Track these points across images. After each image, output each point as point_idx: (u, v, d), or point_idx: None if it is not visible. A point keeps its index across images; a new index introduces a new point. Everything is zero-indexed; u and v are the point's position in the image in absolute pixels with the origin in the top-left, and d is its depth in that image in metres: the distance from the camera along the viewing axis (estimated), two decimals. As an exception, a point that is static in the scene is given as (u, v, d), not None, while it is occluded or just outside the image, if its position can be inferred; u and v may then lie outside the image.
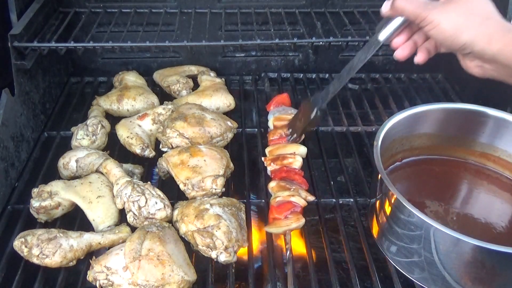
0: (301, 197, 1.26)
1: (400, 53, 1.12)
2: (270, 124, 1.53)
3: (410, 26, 1.11)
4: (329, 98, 1.31)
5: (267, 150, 1.43)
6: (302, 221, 1.21)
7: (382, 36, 1.12)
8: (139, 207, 1.19)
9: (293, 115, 1.49)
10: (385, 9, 1.10)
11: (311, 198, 1.28)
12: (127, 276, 1.04)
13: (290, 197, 1.25)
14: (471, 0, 1.00)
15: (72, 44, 1.52)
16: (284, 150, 1.40)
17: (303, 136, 1.45)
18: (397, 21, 1.10)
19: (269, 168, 1.38)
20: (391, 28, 1.11)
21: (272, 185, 1.31)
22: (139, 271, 1.03)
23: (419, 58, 1.12)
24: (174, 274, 1.04)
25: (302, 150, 1.40)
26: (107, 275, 1.06)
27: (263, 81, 1.88)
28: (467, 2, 1.00)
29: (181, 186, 1.28)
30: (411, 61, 1.13)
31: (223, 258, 1.12)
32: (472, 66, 1.04)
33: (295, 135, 1.42)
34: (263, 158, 1.41)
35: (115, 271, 1.05)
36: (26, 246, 1.11)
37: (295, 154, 1.38)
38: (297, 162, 1.36)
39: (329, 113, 1.64)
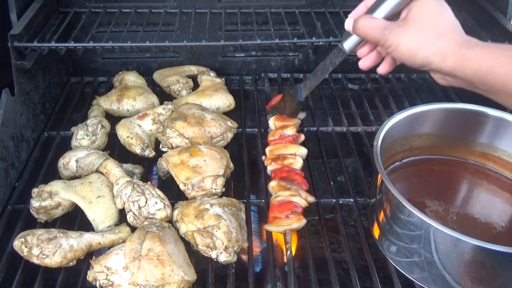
0: (301, 198, 1.26)
1: (363, 64, 1.17)
2: (271, 124, 1.53)
3: None
4: (306, 94, 1.40)
5: (267, 150, 1.43)
6: (303, 221, 1.21)
7: (347, 46, 1.17)
8: (139, 207, 1.19)
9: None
10: (348, 26, 1.13)
11: (311, 199, 1.28)
12: (127, 276, 1.04)
13: (291, 197, 1.25)
14: (426, 17, 1.02)
15: (72, 44, 1.52)
16: (285, 150, 1.40)
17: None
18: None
19: (269, 168, 1.38)
20: (354, 41, 1.16)
21: (272, 184, 1.31)
22: (139, 271, 1.03)
23: (381, 70, 1.16)
24: (174, 274, 1.04)
25: (303, 151, 1.40)
26: (107, 275, 1.06)
27: (263, 81, 1.88)
28: (421, 21, 1.02)
29: (181, 186, 1.28)
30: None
31: (223, 258, 1.12)
32: (437, 78, 1.06)
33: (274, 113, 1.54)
34: (263, 157, 1.41)
35: (115, 271, 1.05)
36: (26, 246, 1.11)
37: (296, 155, 1.38)
38: (298, 163, 1.37)
39: (329, 113, 1.65)
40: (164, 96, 1.70)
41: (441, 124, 1.27)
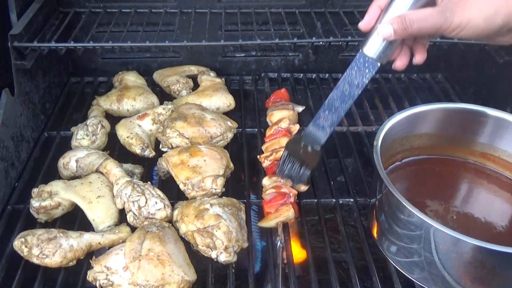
0: (291, 187, 1.25)
1: (400, 64, 1.07)
2: (269, 121, 1.54)
3: None
4: (329, 133, 1.17)
5: (263, 147, 1.43)
6: (291, 211, 1.21)
7: (380, 56, 1.02)
8: (139, 207, 1.19)
9: (288, 110, 1.49)
10: (387, 33, 0.99)
11: (304, 187, 1.27)
12: (127, 276, 1.04)
13: (280, 189, 1.24)
14: None
15: (72, 44, 1.52)
16: (278, 144, 1.40)
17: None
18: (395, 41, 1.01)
19: (264, 165, 1.38)
20: (387, 46, 1.01)
21: (263, 181, 1.31)
22: (139, 271, 1.03)
23: (419, 59, 1.07)
24: (174, 274, 1.04)
25: None
26: (107, 275, 1.06)
27: (263, 81, 1.88)
28: None
29: (181, 186, 1.28)
30: (410, 61, 1.11)
31: (223, 258, 1.12)
32: (506, 40, 0.99)
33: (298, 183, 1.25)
34: (258, 156, 1.41)
35: (115, 271, 1.05)
36: (26, 246, 1.11)
37: None
38: None
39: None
40: (164, 96, 1.70)
41: (441, 124, 1.27)
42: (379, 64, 1.03)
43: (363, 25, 1.04)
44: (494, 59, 1.56)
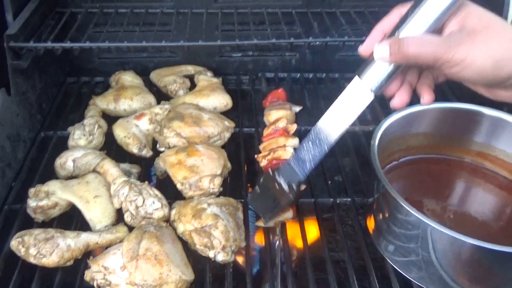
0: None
1: (399, 102, 0.96)
2: (266, 121, 1.54)
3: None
4: (310, 168, 1.05)
5: (260, 147, 1.43)
6: (290, 211, 1.21)
7: (374, 85, 0.91)
8: (137, 207, 1.19)
9: (285, 110, 1.49)
10: (382, 54, 0.88)
11: (302, 186, 1.27)
12: (125, 275, 1.04)
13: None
14: (495, 24, 0.87)
15: (68, 44, 1.52)
16: (276, 144, 1.40)
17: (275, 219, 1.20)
18: (390, 67, 0.89)
19: (261, 164, 1.38)
20: (383, 74, 0.90)
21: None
22: (137, 271, 1.03)
23: (427, 99, 0.97)
24: (172, 273, 1.04)
25: (292, 141, 1.39)
26: (104, 274, 1.05)
27: (260, 81, 1.88)
28: (493, 28, 0.85)
29: (179, 186, 1.28)
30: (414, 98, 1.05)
31: (220, 257, 1.12)
32: (508, 96, 0.91)
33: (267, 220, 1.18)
34: (256, 156, 1.41)
35: (113, 271, 1.05)
36: (23, 246, 1.10)
37: (286, 146, 1.38)
38: (288, 153, 1.35)
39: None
40: (161, 96, 1.70)
41: (438, 124, 1.27)
42: (373, 95, 0.93)
43: (362, 49, 0.96)
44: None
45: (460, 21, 0.86)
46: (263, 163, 1.37)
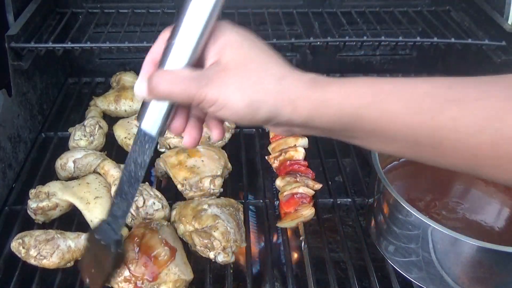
0: (308, 187, 1.26)
1: (188, 141, 0.81)
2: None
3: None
4: (123, 224, 0.97)
5: (270, 148, 1.43)
6: (312, 210, 1.21)
7: (153, 127, 0.79)
8: (137, 208, 1.19)
9: None
10: (140, 92, 0.77)
11: (318, 186, 1.28)
12: (125, 273, 1.04)
13: (296, 189, 1.25)
14: (251, 58, 0.74)
15: (69, 45, 1.52)
16: (285, 144, 1.40)
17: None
18: (165, 105, 0.77)
19: (274, 166, 1.38)
20: (160, 114, 0.78)
21: (278, 181, 1.32)
22: (136, 269, 1.03)
23: (216, 135, 0.83)
24: (171, 272, 1.04)
25: (302, 141, 1.40)
26: (105, 275, 1.05)
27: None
28: (249, 64, 0.72)
29: (179, 187, 1.28)
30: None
31: (221, 258, 1.12)
32: (279, 131, 0.78)
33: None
34: (266, 157, 1.41)
35: (113, 272, 1.05)
36: (23, 247, 1.10)
37: (296, 146, 1.38)
38: (300, 154, 1.36)
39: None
40: (162, 96, 1.70)
41: (439, 124, 1.27)
42: (156, 138, 0.82)
43: (136, 88, 0.79)
44: (491, 59, 1.56)
45: (217, 53, 0.73)
46: (275, 164, 1.37)
